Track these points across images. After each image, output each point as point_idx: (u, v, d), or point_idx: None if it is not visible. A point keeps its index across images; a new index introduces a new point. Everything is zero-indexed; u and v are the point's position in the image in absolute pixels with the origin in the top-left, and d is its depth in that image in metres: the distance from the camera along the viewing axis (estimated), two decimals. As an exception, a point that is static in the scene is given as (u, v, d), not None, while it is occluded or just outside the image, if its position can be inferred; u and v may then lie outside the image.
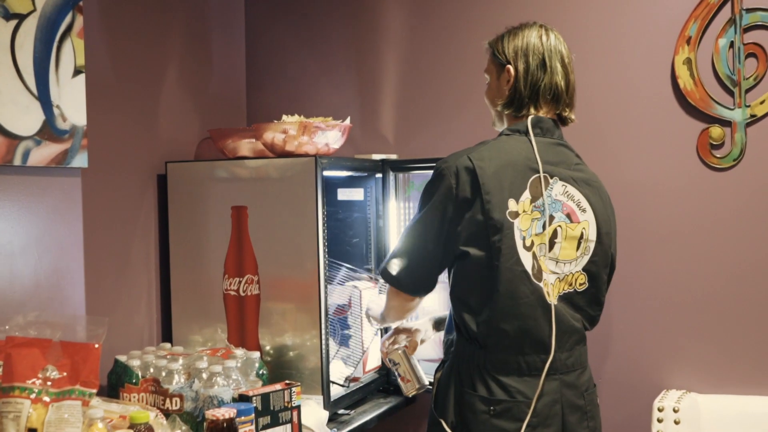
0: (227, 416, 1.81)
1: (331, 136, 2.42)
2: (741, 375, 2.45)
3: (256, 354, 2.22)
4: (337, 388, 2.43)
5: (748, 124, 2.42)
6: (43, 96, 2.05)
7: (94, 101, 2.25)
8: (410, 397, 2.42)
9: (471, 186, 1.90)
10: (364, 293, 2.57)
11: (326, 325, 2.32)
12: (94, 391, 1.82)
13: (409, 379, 2.35)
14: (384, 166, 2.71)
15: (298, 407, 2.05)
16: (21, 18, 1.99)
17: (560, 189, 1.96)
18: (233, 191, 2.43)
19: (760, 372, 2.43)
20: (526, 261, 1.90)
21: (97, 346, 1.84)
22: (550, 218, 1.93)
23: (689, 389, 2.48)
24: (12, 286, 2.02)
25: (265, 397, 1.98)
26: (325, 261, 2.32)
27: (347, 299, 2.58)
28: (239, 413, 1.86)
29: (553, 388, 1.92)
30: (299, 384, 2.07)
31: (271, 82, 3.07)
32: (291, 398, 2.04)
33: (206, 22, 2.88)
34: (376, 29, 2.91)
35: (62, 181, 2.17)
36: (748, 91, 2.42)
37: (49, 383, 1.78)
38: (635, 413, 2.52)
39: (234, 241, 2.41)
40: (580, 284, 1.98)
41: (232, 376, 2.02)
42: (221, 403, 1.94)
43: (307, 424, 2.11)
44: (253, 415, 1.91)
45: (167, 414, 1.96)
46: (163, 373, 2.05)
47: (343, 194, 2.70)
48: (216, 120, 2.87)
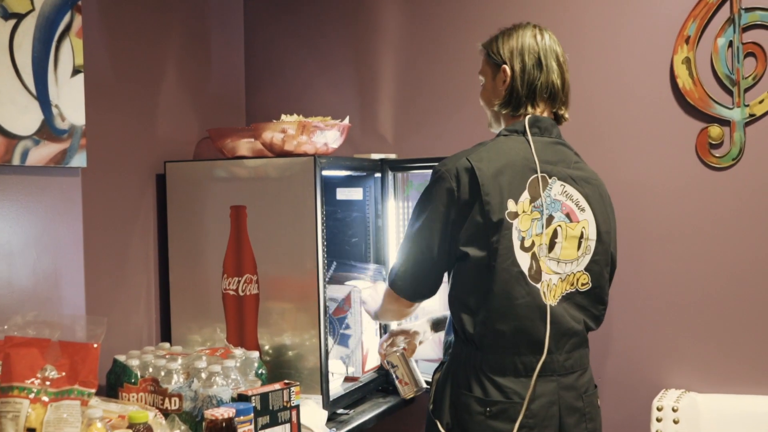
0: (226, 416, 1.80)
1: (330, 135, 2.42)
2: (740, 374, 2.45)
3: (255, 354, 2.22)
4: (337, 388, 2.43)
5: (747, 124, 2.43)
6: (42, 96, 2.04)
7: (92, 101, 2.24)
8: (408, 399, 2.42)
9: (470, 187, 1.89)
10: (364, 293, 2.57)
11: (325, 325, 2.32)
12: (93, 390, 1.83)
13: (407, 381, 2.35)
14: (383, 165, 2.71)
15: (297, 407, 2.05)
16: (20, 17, 1.98)
17: (559, 189, 1.96)
18: (232, 191, 2.42)
19: (759, 371, 2.43)
20: (523, 262, 1.89)
21: (95, 345, 1.85)
22: (550, 218, 1.93)
23: (688, 388, 2.48)
24: (11, 285, 2.02)
25: (264, 397, 1.98)
26: (324, 261, 2.31)
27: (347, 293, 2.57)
28: (238, 413, 1.86)
29: (550, 390, 1.92)
30: (298, 384, 2.07)
31: (269, 82, 3.07)
32: (290, 398, 2.03)
33: (205, 22, 2.88)
34: (375, 29, 2.91)
35: (61, 181, 2.16)
36: (746, 90, 2.42)
37: (47, 383, 1.78)
38: (634, 413, 2.52)
39: (233, 241, 2.41)
40: (583, 284, 1.97)
41: (231, 376, 2.02)
42: (220, 403, 1.94)
43: (306, 423, 2.11)
44: (252, 415, 1.91)
45: (166, 414, 1.96)
46: (162, 373, 2.05)
47: (342, 194, 2.70)
48: (215, 120, 2.87)
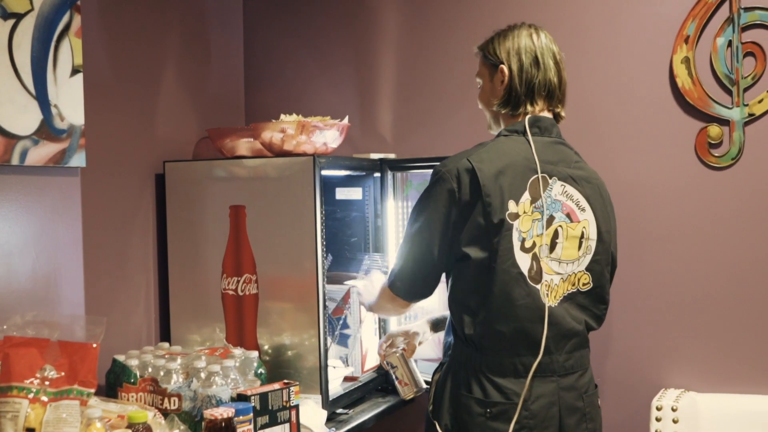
0: (225, 416, 1.80)
1: (329, 135, 2.42)
2: (739, 374, 2.45)
3: (255, 353, 2.22)
4: (336, 388, 2.43)
5: (747, 123, 2.43)
6: (41, 95, 2.04)
7: (92, 101, 2.24)
8: (408, 399, 2.42)
9: (472, 188, 1.89)
10: (359, 284, 2.56)
11: (325, 325, 2.32)
12: (92, 390, 1.83)
13: (406, 382, 2.34)
14: (382, 165, 2.71)
15: (297, 407, 2.05)
16: (19, 17, 1.98)
17: (559, 189, 1.96)
18: (231, 191, 2.42)
19: (759, 371, 2.43)
20: (522, 263, 1.89)
21: (95, 345, 1.85)
22: (551, 218, 1.93)
23: (688, 388, 2.48)
24: (10, 285, 2.02)
25: (264, 397, 1.98)
26: (323, 260, 2.31)
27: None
28: (237, 413, 1.86)
29: (550, 390, 1.92)
30: (297, 383, 2.07)
31: (269, 82, 3.07)
32: (289, 398, 2.03)
33: (204, 22, 2.88)
34: (374, 29, 2.91)
35: (60, 181, 2.16)
36: (746, 90, 2.42)
37: (47, 383, 1.78)
38: (633, 412, 2.52)
39: (232, 241, 2.41)
40: (584, 284, 1.97)
41: (230, 376, 2.02)
42: (219, 403, 1.94)
43: (305, 423, 2.11)
44: (251, 415, 1.91)
45: (165, 413, 1.96)
46: (162, 373, 2.05)
47: (342, 193, 2.70)
48: (214, 119, 2.87)
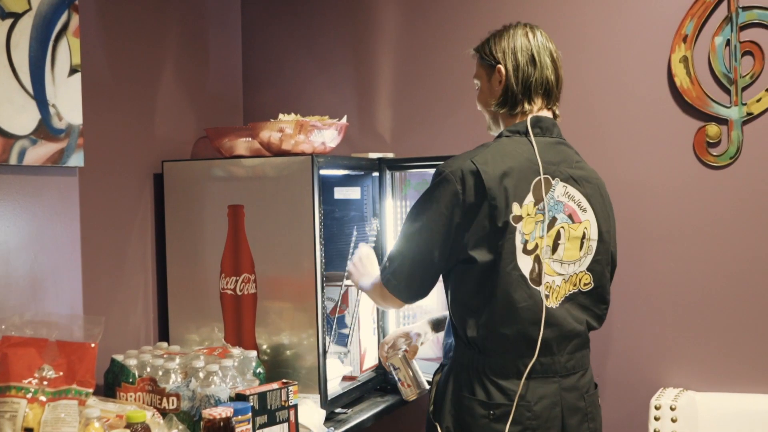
0: (224, 415, 1.80)
1: (327, 134, 2.42)
2: (738, 373, 2.45)
3: (253, 353, 2.21)
4: (335, 387, 2.43)
5: (745, 122, 2.43)
6: (39, 95, 2.04)
7: (90, 100, 2.24)
8: (411, 401, 2.41)
9: (477, 190, 1.88)
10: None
11: (323, 324, 2.32)
12: (91, 390, 1.83)
13: (409, 384, 2.33)
14: (381, 164, 2.70)
15: (295, 406, 2.05)
16: (16, 17, 1.98)
17: (561, 190, 1.95)
18: (230, 190, 2.42)
19: (757, 370, 2.43)
20: (524, 265, 1.89)
21: (93, 345, 1.85)
22: (553, 220, 1.92)
23: (686, 387, 2.48)
24: (8, 285, 2.01)
25: (262, 396, 1.98)
26: (321, 260, 2.31)
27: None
28: (236, 412, 1.86)
29: (552, 391, 1.92)
30: (296, 383, 2.07)
31: (267, 81, 3.07)
32: (288, 397, 2.03)
33: (203, 21, 2.88)
34: (373, 28, 2.91)
35: (58, 181, 2.16)
36: (744, 89, 2.42)
37: (45, 383, 1.78)
38: (632, 411, 2.52)
39: (231, 240, 2.41)
40: (585, 284, 1.98)
41: (228, 375, 2.01)
42: (218, 403, 1.94)
43: (304, 423, 2.11)
44: (250, 414, 1.91)
45: (164, 413, 1.96)
46: (160, 373, 2.05)
47: (340, 193, 2.70)
48: (212, 119, 2.86)
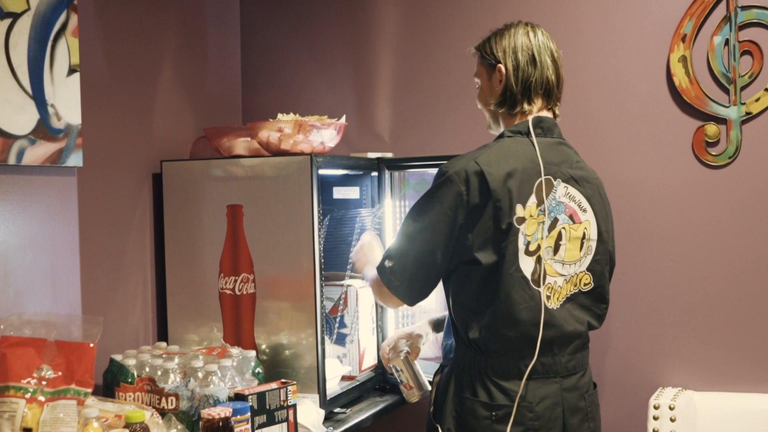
0: (223, 415, 1.80)
1: (326, 134, 2.42)
2: (737, 372, 2.45)
3: (252, 353, 2.21)
4: (334, 387, 2.43)
5: (744, 122, 2.43)
6: (38, 95, 2.04)
7: (88, 100, 2.24)
8: (413, 402, 2.40)
9: (481, 192, 1.87)
10: (360, 292, 2.57)
11: (322, 324, 2.32)
12: (90, 390, 1.82)
13: (412, 386, 2.32)
14: (379, 164, 2.70)
15: (294, 406, 2.05)
16: (15, 17, 1.98)
17: (563, 191, 1.95)
18: (229, 190, 2.42)
19: (756, 369, 2.43)
20: (526, 267, 1.89)
21: (92, 345, 1.84)
22: (555, 221, 1.92)
23: (685, 387, 2.48)
24: (6, 285, 2.01)
25: (261, 396, 1.98)
26: (320, 259, 2.31)
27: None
28: (235, 412, 1.85)
29: (554, 391, 1.92)
30: (295, 383, 2.07)
31: (266, 81, 3.07)
32: (287, 397, 2.03)
33: (201, 21, 2.88)
34: (372, 28, 2.91)
35: (57, 180, 2.16)
36: (743, 88, 2.42)
37: (44, 383, 1.77)
38: (631, 411, 2.53)
39: (229, 240, 2.41)
40: (585, 284, 1.98)
41: (227, 375, 2.01)
42: (217, 402, 1.94)
43: (303, 422, 2.11)
44: (248, 414, 1.91)
45: (163, 413, 1.96)
46: (159, 372, 2.05)
47: (339, 193, 2.70)
48: (211, 118, 2.86)
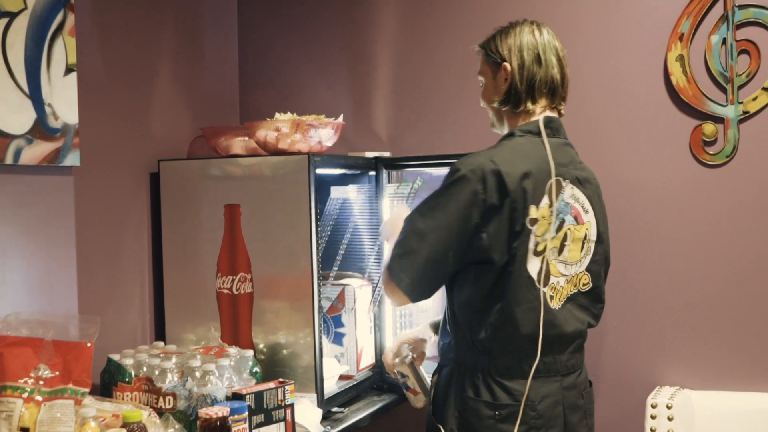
0: (220, 415, 1.80)
1: (324, 133, 2.41)
2: (734, 371, 2.45)
3: (250, 352, 2.21)
4: (331, 386, 2.43)
5: (741, 121, 2.43)
6: (35, 94, 2.04)
7: (86, 99, 2.24)
8: (419, 408, 2.38)
9: (498, 191, 1.85)
10: (358, 291, 2.57)
11: (320, 324, 2.32)
12: (87, 390, 1.82)
13: (418, 391, 2.30)
14: (377, 163, 2.70)
15: (292, 405, 2.05)
16: (12, 16, 1.98)
17: (569, 192, 1.95)
18: (226, 189, 2.42)
19: (753, 368, 2.43)
20: (533, 267, 1.89)
21: (89, 345, 1.84)
22: (562, 222, 1.93)
23: (683, 386, 2.48)
24: (4, 284, 2.01)
25: (259, 396, 1.98)
26: (318, 259, 2.31)
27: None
28: (232, 411, 1.85)
29: (555, 390, 1.93)
30: (293, 382, 2.07)
31: (264, 80, 3.07)
32: (284, 396, 2.03)
33: (199, 20, 2.88)
34: (369, 27, 2.91)
35: (54, 180, 2.16)
36: (740, 87, 2.42)
37: (41, 382, 1.77)
38: (629, 410, 2.53)
39: (227, 240, 2.40)
40: (584, 284, 1.98)
41: (225, 375, 2.01)
42: (214, 402, 1.93)
43: (300, 422, 2.11)
44: (246, 414, 1.91)
45: (160, 413, 1.96)
46: (156, 372, 2.04)
47: (337, 192, 2.70)
48: (209, 118, 2.86)
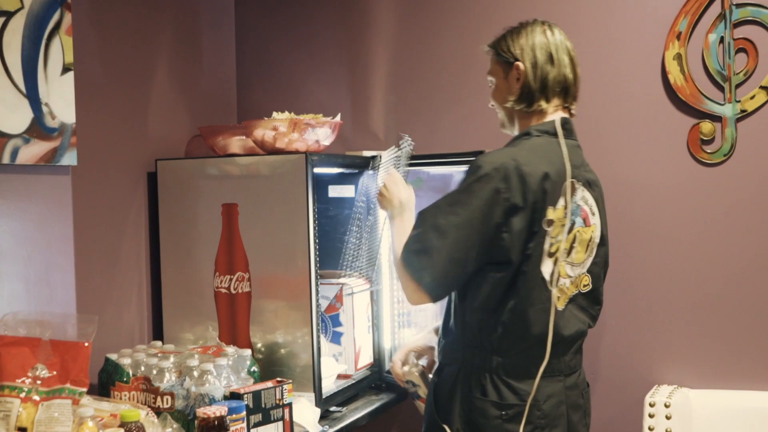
0: (218, 414, 1.80)
1: (321, 132, 2.41)
2: (732, 370, 2.46)
3: (248, 351, 2.21)
4: (329, 386, 2.42)
5: (739, 120, 2.43)
6: (32, 94, 2.03)
7: (83, 99, 2.23)
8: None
9: (521, 191, 1.85)
10: (356, 290, 2.57)
11: (318, 323, 2.32)
12: (84, 389, 1.82)
13: None
14: (375, 162, 2.70)
15: (290, 405, 2.05)
16: (8, 15, 1.97)
17: (581, 194, 1.96)
18: (224, 188, 2.42)
19: (752, 366, 2.44)
20: (546, 268, 1.89)
21: (87, 344, 1.84)
22: (573, 223, 1.93)
23: (681, 384, 2.48)
24: (1, 284, 2.01)
25: (257, 395, 1.98)
26: (316, 258, 2.31)
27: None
28: (230, 411, 1.85)
29: (558, 390, 1.94)
30: (291, 381, 2.07)
31: (261, 79, 3.06)
32: (282, 396, 2.03)
33: (196, 19, 2.87)
34: (367, 26, 2.91)
35: (52, 180, 2.16)
36: (738, 86, 2.42)
37: (38, 382, 1.77)
38: (627, 409, 2.53)
39: (225, 239, 2.40)
40: (584, 285, 1.99)
41: (223, 374, 2.01)
42: (212, 401, 1.93)
43: (298, 421, 2.11)
44: (244, 413, 1.91)
45: (158, 412, 1.96)
46: (154, 372, 2.04)
47: (334, 191, 2.70)
48: (206, 117, 2.86)
